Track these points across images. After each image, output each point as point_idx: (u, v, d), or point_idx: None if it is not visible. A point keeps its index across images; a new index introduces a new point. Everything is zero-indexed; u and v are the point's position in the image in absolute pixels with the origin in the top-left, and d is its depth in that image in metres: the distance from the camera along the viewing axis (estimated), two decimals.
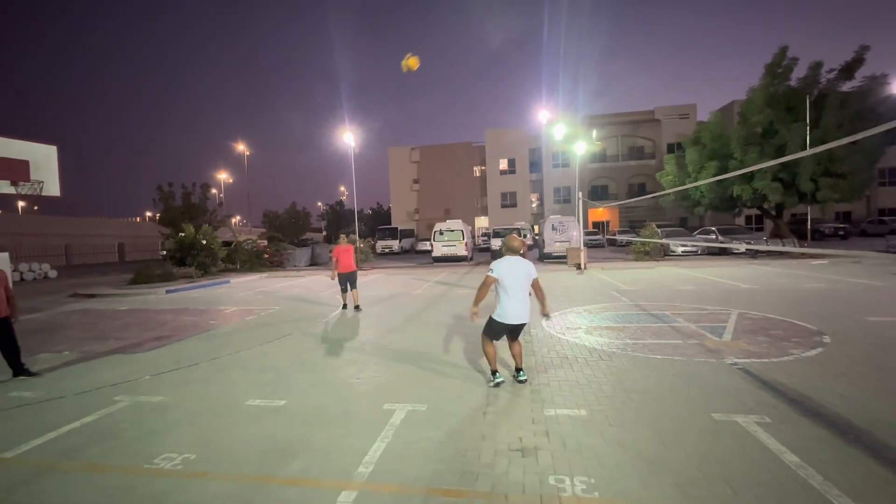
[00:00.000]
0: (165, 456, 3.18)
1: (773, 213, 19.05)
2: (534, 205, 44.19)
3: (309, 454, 3.13)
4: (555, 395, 4.04)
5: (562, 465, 2.88)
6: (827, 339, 5.57)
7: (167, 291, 13.05)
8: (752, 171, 16.93)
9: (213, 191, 52.15)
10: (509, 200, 43.38)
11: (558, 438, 3.23)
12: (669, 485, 2.63)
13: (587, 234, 31.62)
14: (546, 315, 4.29)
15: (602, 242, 31.02)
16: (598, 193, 39.72)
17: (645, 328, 6.54)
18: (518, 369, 4.37)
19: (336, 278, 9.05)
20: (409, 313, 8.52)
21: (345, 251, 9.15)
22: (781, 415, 3.47)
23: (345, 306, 9.31)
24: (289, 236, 37.56)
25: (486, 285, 4.19)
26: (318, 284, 14.23)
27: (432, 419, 3.64)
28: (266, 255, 20.84)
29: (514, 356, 4.40)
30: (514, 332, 4.25)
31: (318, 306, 9.81)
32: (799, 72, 16.83)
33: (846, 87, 16.26)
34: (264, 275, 17.85)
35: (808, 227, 16.60)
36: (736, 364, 4.73)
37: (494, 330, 4.25)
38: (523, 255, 6.30)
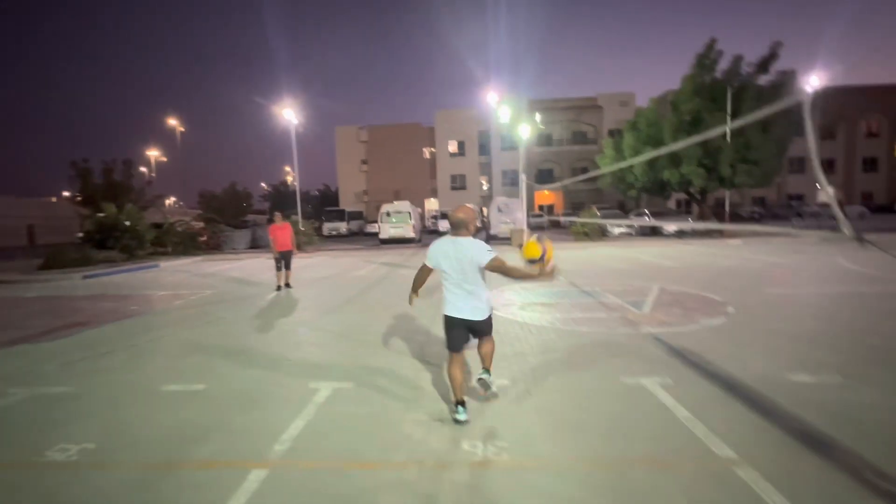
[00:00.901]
0: (60, 447, 2.95)
1: (699, 197, 20.49)
2: (485, 187, 44.70)
3: (222, 437, 3.02)
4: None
5: (478, 431, 2.98)
6: (731, 309, 6.12)
7: (85, 277, 11.98)
8: (680, 158, 18.05)
9: (143, 169, 48.25)
10: (459, 183, 43.56)
11: (479, 407, 3.33)
12: (574, 442, 2.80)
13: (533, 216, 32.52)
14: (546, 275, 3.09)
15: (544, 224, 32.00)
16: (544, 177, 40.77)
17: (575, 303, 6.86)
18: (484, 369, 3.36)
19: (276, 255, 8.99)
20: (348, 294, 8.40)
21: (280, 229, 9.07)
22: (682, 376, 3.79)
23: (279, 287, 9.08)
24: (228, 218, 35.60)
25: (422, 273, 3.31)
26: (256, 267, 13.63)
27: (357, 396, 3.63)
28: (202, 238, 19.64)
29: (481, 356, 3.36)
30: (472, 330, 3.19)
31: (254, 288, 9.42)
32: (724, 64, 17.99)
33: (762, 80, 17.62)
34: (199, 258, 16.82)
35: (727, 209, 18.05)
36: (650, 333, 5.09)
37: (447, 331, 3.18)
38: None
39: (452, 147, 43.74)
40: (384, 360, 4.48)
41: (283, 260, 9.05)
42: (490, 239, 20.39)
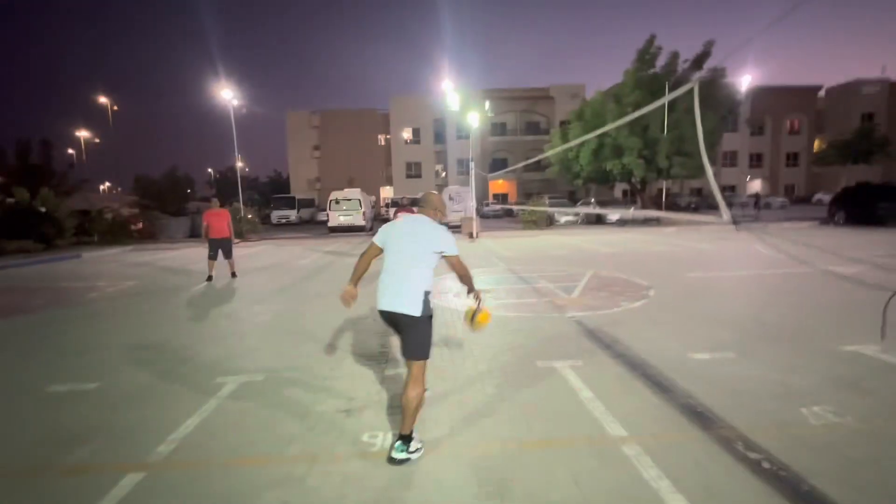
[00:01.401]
0: None
1: (639, 187, 21.40)
2: (442, 175, 44.53)
3: (103, 438, 2.77)
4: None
5: (382, 422, 2.91)
6: (652, 292, 6.40)
7: None
8: (623, 150, 18.71)
9: (71, 151, 44.15)
10: (415, 171, 43.12)
11: (388, 397, 3.26)
12: (475, 426, 2.79)
13: (487, 204, 32.80)
14: (473, 295, 2.79)
15: (493, 213, 32.27)
16: (498, 166, 41.12)
17: (510, 290, 6.94)
18: (400, 437, 2.47)
19: (206, 241, 8.50)
20: (284, 284, 8.08)
21: (216, 215, 8.56)
22: (593, 358, 3.90)
23: (209, 278, 8.54)
24: (167, 205, 33.41)
25: (367, 254, 2.68)
26: (191, 257, 12.85)
27: (266, 389, 3.46)
28: (135, 227, 18.29)
29: (402, 407, 2.48)
30: (397, 330, 2.52)
31: (182, 279, 8.87)
32: (663, 60, 18.73)
33: (696, 76, 18.51)
34: (129, 248, 15.66)
35: (664, 199, 18.99)
36: (573, 317, 5.22)
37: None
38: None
39: (407, 134, 43.16)
40: (304, 352, 4.31)
41: (221, 248, 8.57)
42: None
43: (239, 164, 29.45)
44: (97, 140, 44.04)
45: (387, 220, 15.04)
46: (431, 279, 2.54)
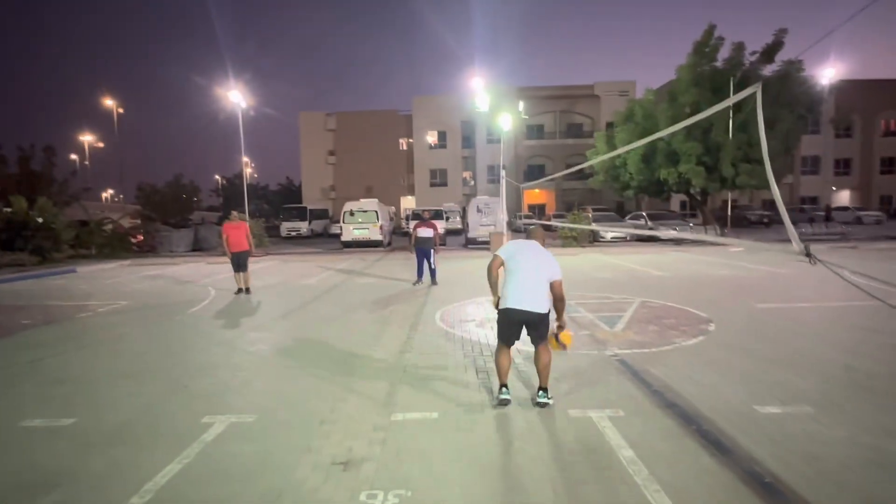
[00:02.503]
0: None
1: (699, 198, 20.83)
2: (470, 183, 44.75)
3: (74, 484, 2.81)
4: (412, 398, 4.03)
5: (384, 477, 2.83)
6: (712, 326, 6.13)
7: None
8: (678, 156, 18.32)
9: (74, 157, 46.89)
10: (439, 178, 43.56)
11: (394, 447, 3.19)
12: (492, 490, 2.68)
13: (522, 217, 32.61)
14: (560, 327, 3.83)
15: (527, 227, 32.08)
16: (534, 173, 41.02)
17: None
18: (540, 388, 3.82)
19: (228, 255, 9.49)
20: (287, 307, 8.19)
21: (234, 228, 9.51)
22: (637, 407, 3.72)
23: (239, 290, 9.50)
24: (171, 215, 34.91)
25: (494, 266, 3.86)
26: (192, 273, 13.28)
27: (256, 432, 3.45)
28: (133, 239, 19.12)
29: (538, 370, 3.82)
30: (527, 327, 3.71)
31: (178, 299, 9.13)
32: (726, 52, 18.37)
33: (767, 70, 18.04)
34: (126, 262, 16.33)
35: (729, 213, 18.36)
36: (615, 355, 5.04)
37: (500, 326, 3.80)
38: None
39: (432, 138, 43.76)
40: (302, 389, 4.31)
41: (238, 261, 9.42)
42: (468, 243, 20.36)
43: (247, 171, 30.43)
44: (101, 145, 46.63)
45: (406, 234, 15.33)
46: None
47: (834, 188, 40.37)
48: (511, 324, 3.75)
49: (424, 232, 10.01)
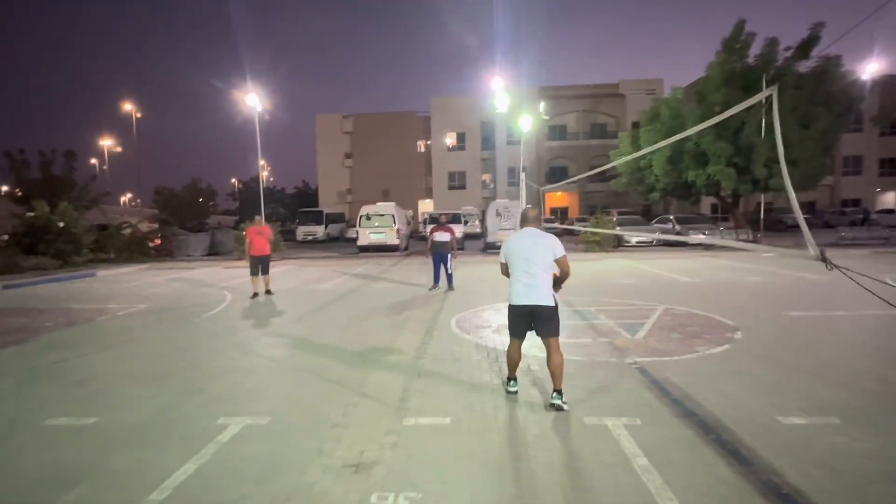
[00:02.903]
0: None
1: (730, 201, 20.48)
2: (490, 186, 44.79)
3: (95, 481, 2.99)
4: (424, 403, 4.13)
5: (394, 480, 2.94)
6: (738, 335, 6.08)
7: (6, 287, 12.01)
8: (707, 157, 18.08)
9: (93, 161, 48.58)
10: (458, 181, 43.75)
11: (405, 451, 3.29)
12: (503, 496, 2.75)
13: (544, 220, 32.48)
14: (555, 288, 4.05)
15: (557, 231, 32.06)
16: (556, 175, 40.84)
17: (561, 326, 6.83)
18: (554, 390, 3.94)
19: (247, 259, 9.91)
20: (302, 312, 8.40)
21: (258, 232, 9.95)
22: (654, 416, 3.75)
23: (255, 294, 9.85)
24: (188, 219, 35.84)
25: (504, 272, 4.21)
26: (208, 277, 13.67)
27: (269, 434, 3.60)
28: (150, 243, 19.73)
29: (550, 371, 3.96)
30: (534, 323, 3.96)
31: (196, 303, 9.43)
32: (757, 48, 18.09)
33: (802, 66, 17.70)
34: (144, 266, 16.88)
35: (762, 217, 18.00)
36: (635, 363, 5.05)
37: (510, 321, 4.10)
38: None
39: (451, 140, 44.00)
40: (315, 393, 4.45)
41: (261, 265, 9.85)
42: (487, 247, 20.42)
43: (263, 174, 31.03)
44: (119, 149, 48.21)
45: (424, 238, 15.55)
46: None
47: (878, 189, 39.11)
48: (518, 317, 4.01)
49: (441, 236, 10.12)
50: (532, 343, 4.47)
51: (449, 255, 10.18)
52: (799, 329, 6.34)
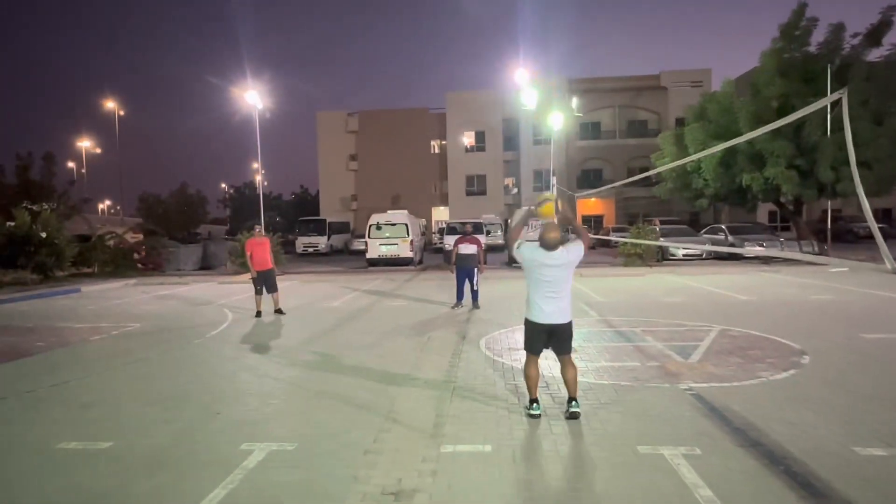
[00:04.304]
0: None
1: (792, 208, 20.43)
2: (512, 191, 45.08)
3: None
4: (461, 429, 4.33)
5: None
6: (806, 359, 6.18)
7: None
8: (764, 158, 18.12)
9: (71, 165, 49.97)
10: (477, 186, 44.17)
11: (446, 479, 3.50)
12: None
13: (573, 230, 32.53)
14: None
15: (593, 243, 32.12)
16: (589, 179, 41.07)
17: (604, 349, 7.00)
18: (570, 399, 4.51)
19: (254, 276, 9.96)
20: (313, 332, 8.67)
21: (259, 244, 10.04)
22: (716, 446, 3.90)
23: (259, 313, 9.97)
24: (176, 229, 36.64)
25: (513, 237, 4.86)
26: (204, 294, 14.06)
27: (298, 460, 3.83)
28: (137, 255, 20.29)
29: (565, 383, 4.54)
30: (553, 340, 4.47)
31: (194, 322, 9.78)
32: (819, 35, 18.21)
33: (873, 55, 17.76)
34: (132, 281, 17.39)
35: (828, 226, 17.92)
36: (690, 390, 5.20)
37: (528, 337, 4.57)
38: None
39: (469, 139, 44.55)
40: (341, 418, 4.68)
41: (265, 281, 9.97)
42: (512, 261, 20.59)
43: (258, 178, 31.76)
44: (99, 150, 49.50)
45: (440, 251, 15.92)
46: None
47: None
48: (540, 334, 4.47)
49: (467, 248, 10.34)
50: (547, 355, 4.79)
51: (475, 269, 10.39)
52: (876, 353, 6.41)
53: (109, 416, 4.87)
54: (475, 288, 10.42)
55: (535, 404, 4.54)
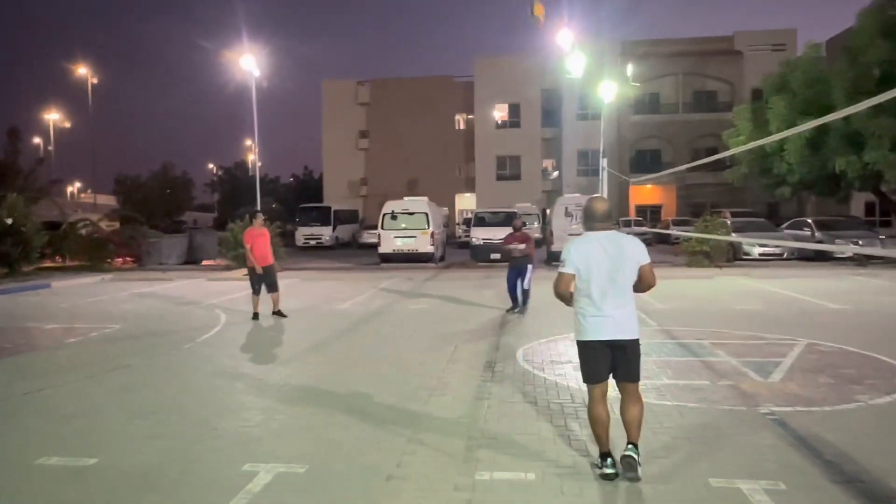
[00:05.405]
0: None
1: (895, 198, 20.00)
2: (552, 175, 44.86)
3: None
4: (498, 454, 4.38)
5: None
6: None
7: None
8: (862, 138, 17.76)
9: (37, 140, 51.38)
10: (509, 169, 44.08)
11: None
12: None
13: (626, 222, 32.36)
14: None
15: (648, 238, 31.90)
16: (644, 161, 40.62)
17: (665, 363, 7.00)
18: (630, 443, 3.93)
19: (259, 272, 9.88)
20: (319, 338, 8.82)
21: (260, 236, 10.04)
22: (804, 481, 3.88)
23: (256, 315, 10.03)
24: (157, 217, 37.38)
25: (562, 293, 4.11)
26: (192, 292, 14.37)
27: (310, 484, 3.92)
28: (114, 246, 20.77)
29: (626, 421, 3.98)
30: (615, 359, 3.94)
31: (183, 325, 10.03)
32: None
33: None
34: (108, 276, 17.83)
35: None
36: (771, 414, 5.17)
37: (585, 362, 4.04)
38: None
39: (500, 113, 44.47)
40: (356, 437, 4.77)
41: (266, 279, 9.97)
42: (552, 258, 20.57)
43: (251, 157, 32.09)
44: (68, 124, 50.55)
45: (467, 245, 15.97)
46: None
47: None
48: (599, 354, 3.94)
49: (518, 247, 10.71)
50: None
51: (529, 267, 10.68)
52: None
53: (92, 429, 5.03)
54: (526, 287, 10.68)
55: (608, 460, 3.97)
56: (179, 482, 4.00)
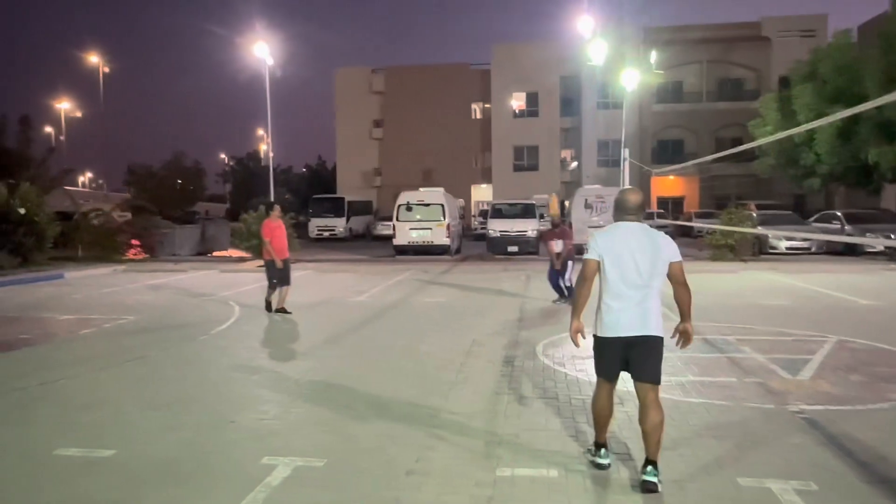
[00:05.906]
0: None
1: None
2: (571, 166, 44.71)
3: None
4: (519, 451, 4.39)
5: None
6: None
7: None
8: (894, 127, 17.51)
9: (49, 129, 51.93)
10: (527, 159, 44.00)
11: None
12: None
13: (649, 215, 32.12)
14: (684, 334, 3.92)
15: (669, 230, 31.68)
16: (666, 152, 40.33)
17: (690, 359, 6.93)
18: (648, 462, 3.78)
19: (279, 266, 9.82)
20: (335, 331, 8.89)
21: (278, 228, 10.00)
22: (836, 481, 3.85)
23: (269, 306, 10.12)
24: (170, 207, 37.69)
25: (587, 279, 3.92)
26: (205, 283, 14.51)
27: (329, 478, 3.96)
28: (126, 237, 21.00)
29: (643, 432, 3.84)
30: (631, 358, 3.84)
31: (197, 317, 10.14)
32: None
33: None
34: (121, 267, 18.06)
35: None
36: (801, 412, 5.13)
37: (600, 356, 4.01)
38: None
39: (518, 102, 44.33)
40: (375, 432, 4.80)
41: (283, 273, 9.92)
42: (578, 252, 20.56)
43: (263, 147, 32.23)
44: (80, 114, 51.07)
45: (483, 237, 16.09)
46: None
47: None
48: (614, 351, 3.86)
49: (557, 245, 10.90)
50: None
51: (570, 264, 10.86)
52: None
53: (110, 420, 5.12)
54: (568, 283, 10.86)
55: (603, 450, 4.08)
56: (197, 474, 4.06)
